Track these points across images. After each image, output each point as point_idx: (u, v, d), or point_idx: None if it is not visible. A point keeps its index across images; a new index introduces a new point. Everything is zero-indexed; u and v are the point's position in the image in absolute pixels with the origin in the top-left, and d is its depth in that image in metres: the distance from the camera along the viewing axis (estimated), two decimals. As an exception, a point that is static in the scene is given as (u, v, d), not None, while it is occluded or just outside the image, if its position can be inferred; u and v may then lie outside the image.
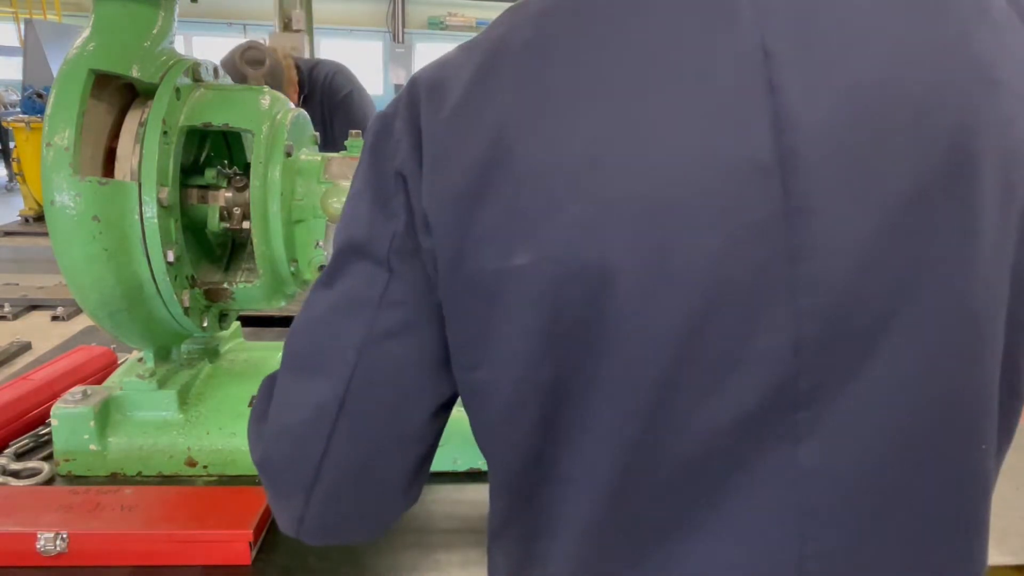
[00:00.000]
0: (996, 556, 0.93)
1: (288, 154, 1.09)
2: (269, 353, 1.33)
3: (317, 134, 1.25)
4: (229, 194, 1.13)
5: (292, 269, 1.13)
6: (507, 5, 0.54)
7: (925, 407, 0.47)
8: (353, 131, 1.19)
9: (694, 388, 0.46)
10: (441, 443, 0.60)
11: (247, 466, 1.10)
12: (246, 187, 1.10)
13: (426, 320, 0.53)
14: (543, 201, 0.45)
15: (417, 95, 0.51)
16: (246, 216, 1.10)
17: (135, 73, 1.01)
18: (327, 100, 2.60)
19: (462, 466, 1.13)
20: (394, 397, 0.55)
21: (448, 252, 0.49)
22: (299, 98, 2.55)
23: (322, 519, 0.59)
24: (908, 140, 0.44)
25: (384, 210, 0.52)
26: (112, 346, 1.43)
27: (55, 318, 1.86)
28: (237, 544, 0.90)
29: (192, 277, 1.10)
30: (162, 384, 1.12)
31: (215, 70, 1.19)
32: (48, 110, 0.96)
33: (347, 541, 0.57)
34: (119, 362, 1.40)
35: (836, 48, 0.45)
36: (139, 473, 1.10)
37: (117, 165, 1.01)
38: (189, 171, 1.14)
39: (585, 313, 0.46)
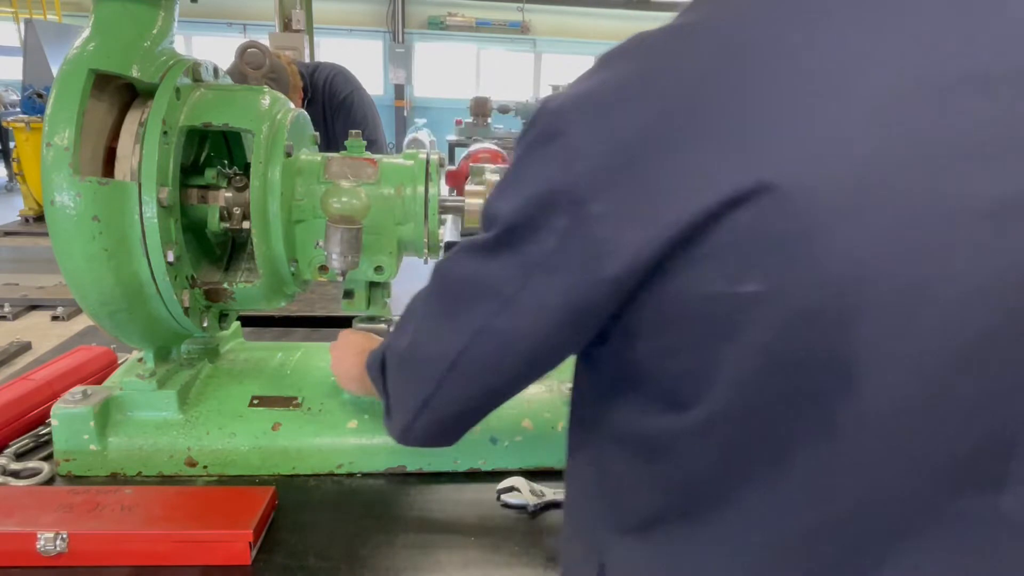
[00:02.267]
0: None
1: (288, 154, 1.09)
2: (269, 353, 1.32)
3: (317, 134, 1.25)
4: (229, 194, 1.13)
5: (292, 269, 1.13)
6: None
7: None
8: (353, 131, 1.19)
9: (938, 429, 0.44)
10: None
11: (247, 466, 1.11)
12: (246, 187, 1.10)
13: (548, 329, 0.53)
14: (790, 224, 0.41)
15: (599, 101, 0.47)
16: (246, 216, 1.10)
17: (135, 73, 1.01)
18: (328, 102, 2.61)
19: (462, 466, 1.13)
20: (495, 375, 0.60)
21: (650, 272, 0.46)
22: (303, 103, 2.56)
23: (424, 435, 0.68)
24: None
25: (546, 220, 0.49)
26: (112, 346, 1.43)
27: (55, 318, 1.87)
28: (237, 544, 0.90)
29: (192, 277, 1.10)
30: (162, 384, 1.12)
31: (215, 70, 1.19)
32: (48, 110, 0.96)
33: (434, 446, 0.70)
34: (119, 362, 1.40)
35: None
36: (139, 473, 1.10)
37: (117, 165, 1.01)
38: (189, 171, 1.14)
39: (821, 347, 0.43)
